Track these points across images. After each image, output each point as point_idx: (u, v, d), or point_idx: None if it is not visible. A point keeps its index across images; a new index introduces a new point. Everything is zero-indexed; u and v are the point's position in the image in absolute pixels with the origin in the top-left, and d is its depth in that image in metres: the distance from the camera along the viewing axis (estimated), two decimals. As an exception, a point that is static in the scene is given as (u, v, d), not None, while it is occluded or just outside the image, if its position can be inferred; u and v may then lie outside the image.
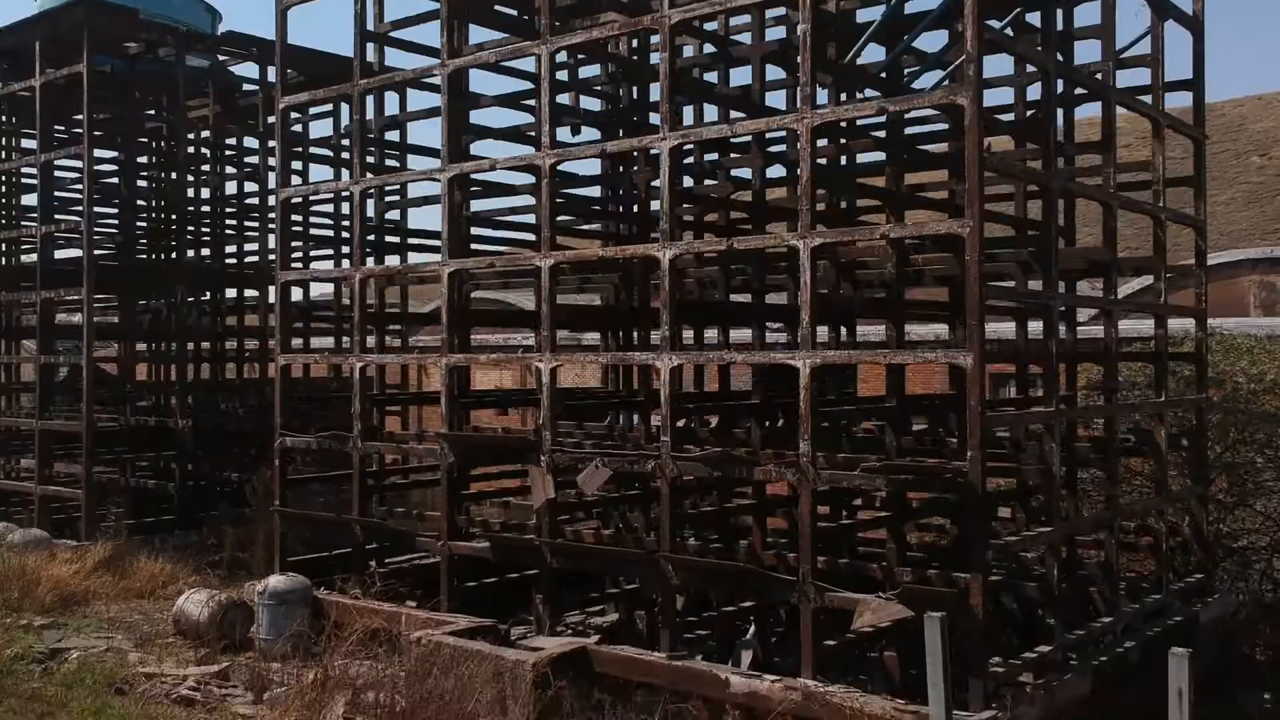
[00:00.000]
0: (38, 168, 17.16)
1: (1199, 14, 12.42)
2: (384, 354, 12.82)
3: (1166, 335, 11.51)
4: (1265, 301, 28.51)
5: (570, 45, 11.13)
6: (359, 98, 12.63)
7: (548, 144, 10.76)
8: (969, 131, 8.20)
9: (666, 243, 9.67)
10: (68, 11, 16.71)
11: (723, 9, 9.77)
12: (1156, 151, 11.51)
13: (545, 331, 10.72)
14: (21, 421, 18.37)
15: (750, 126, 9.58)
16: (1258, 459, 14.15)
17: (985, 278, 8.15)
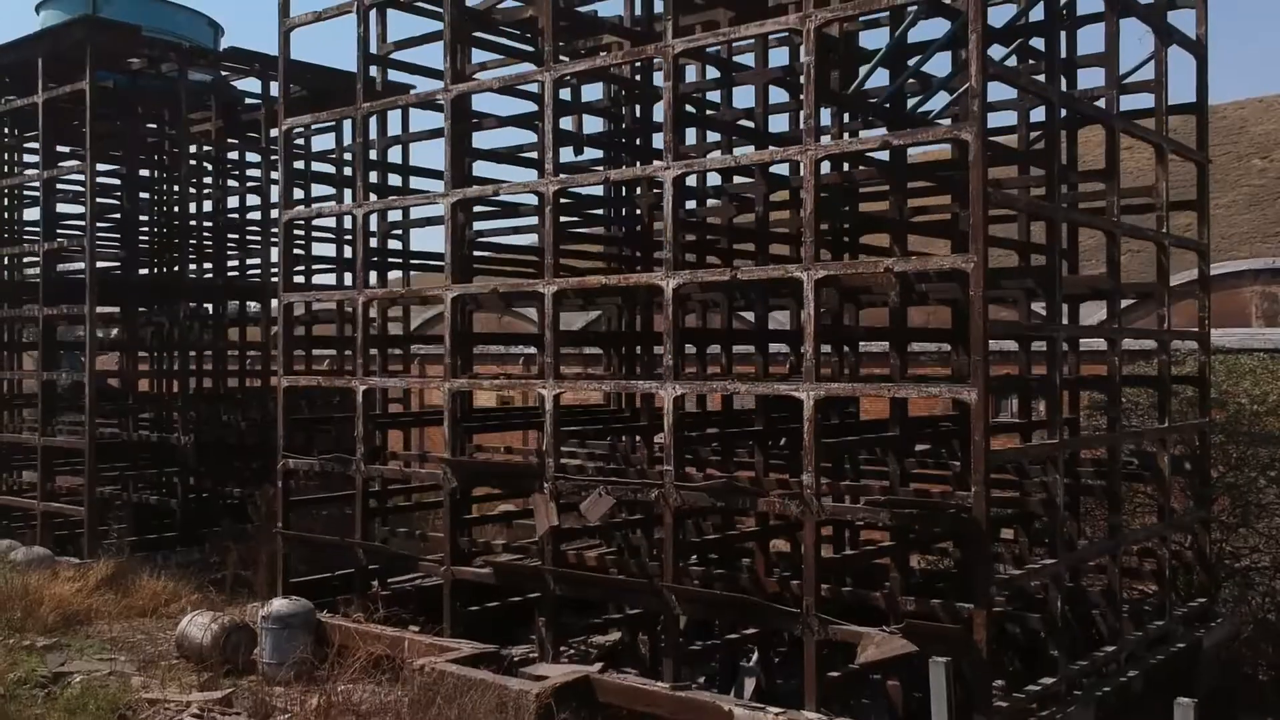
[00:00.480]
0: (40, 184, 17.16)
1: (1202, 38, 12.42)
2: (387, 378, 12.80)
3: (1170, 361, 11.50)
4: (1267, 312, 28.50)
5: (574, 73, 11.12)
6: (362, 120, 12.63)
7: (551, 170, 10.76)
8: (973, 166, 8.20)
9: (670, 271, 9.67)
10: (70, 29, 16.71)
11: (725, 40, 9.77)
12: (1160, 177, 11.51)
13: (549, 358, 10.72)
14: (24, 438, 18.36)
15: (754, 158, 9.57)
16: (1260, 479, 14.16)
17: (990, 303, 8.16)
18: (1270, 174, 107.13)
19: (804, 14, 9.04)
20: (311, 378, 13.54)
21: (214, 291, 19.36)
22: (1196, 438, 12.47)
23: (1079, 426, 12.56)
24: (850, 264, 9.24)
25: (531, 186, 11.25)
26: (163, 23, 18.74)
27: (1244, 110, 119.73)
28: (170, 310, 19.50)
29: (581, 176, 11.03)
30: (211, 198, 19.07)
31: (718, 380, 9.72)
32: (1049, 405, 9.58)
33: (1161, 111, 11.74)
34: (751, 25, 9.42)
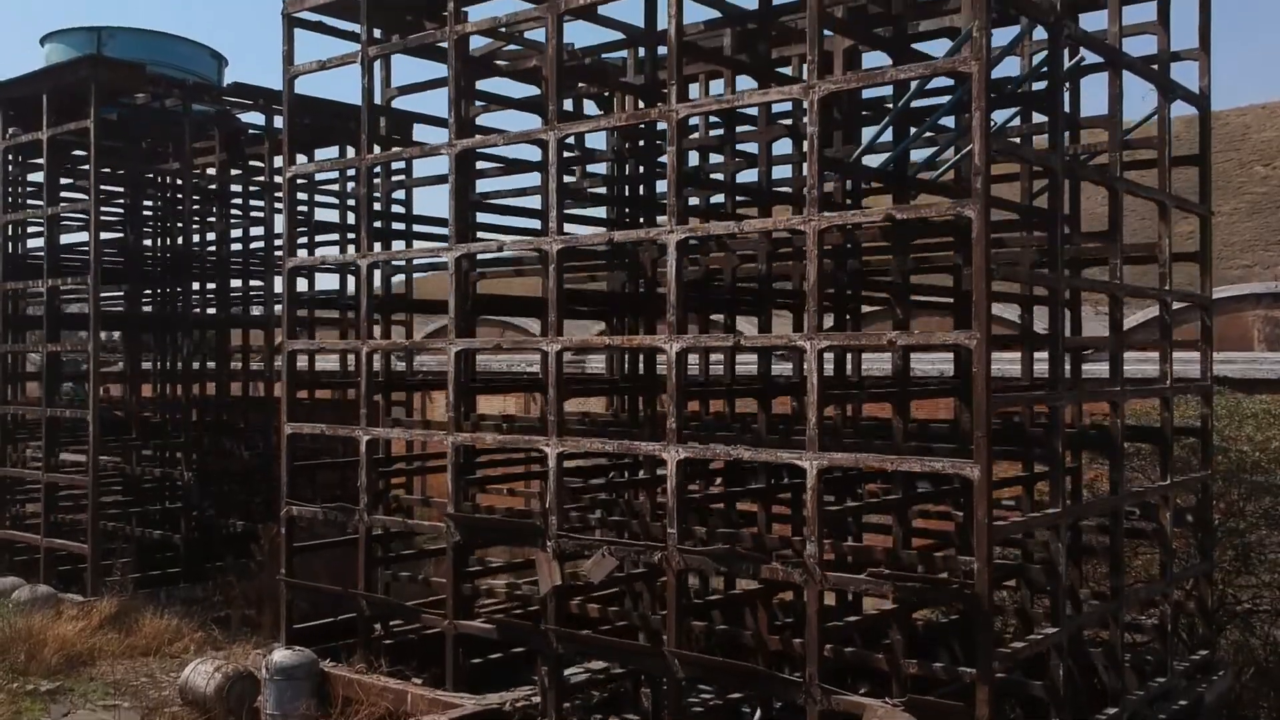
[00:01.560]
0: (45, 220, 17.19)
1: (1204, 90, 12.44)
2: (391, 429, 12.83)
3: (1172, 419, 11.53)
4: (1269, 336, 28.52)
5: (578, 131, 11.14)
6: (366, 171, 12.65)
7: (554, 229, 10.78)
8: (976, 243, 8.22)
9: (674, 335, 9.69)
10: (74, 67, 16.75)
11: (729, 105, 9.79)
12: (1162, 233, 11.53)
13: (552, 416, 10.74)
14: (28, 472, 18.40)
15: (757, 225, 9.59)
16: (1261, 526, 14.17)
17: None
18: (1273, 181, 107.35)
19: (808, 84, 9.07)
20: (315, 426, 13.52)
21: (219, 325, 19.39)
22: (1199, 490, 12.47)
23: (1081, 473, 12.59)
24: (853, 335, 9.26)
25: (535, 244, 11.28)
26: (167, 56, 18.80)
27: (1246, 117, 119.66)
28: (173, 341, 19.55)
29: (585, 236, 11.04)
30: (215, 229, 19.09)
31: (721, 445, 9.72)
32: (1051, 471, 9.60)
33: (1165, 167, 11.75)
34: (755, 93, 9.45)
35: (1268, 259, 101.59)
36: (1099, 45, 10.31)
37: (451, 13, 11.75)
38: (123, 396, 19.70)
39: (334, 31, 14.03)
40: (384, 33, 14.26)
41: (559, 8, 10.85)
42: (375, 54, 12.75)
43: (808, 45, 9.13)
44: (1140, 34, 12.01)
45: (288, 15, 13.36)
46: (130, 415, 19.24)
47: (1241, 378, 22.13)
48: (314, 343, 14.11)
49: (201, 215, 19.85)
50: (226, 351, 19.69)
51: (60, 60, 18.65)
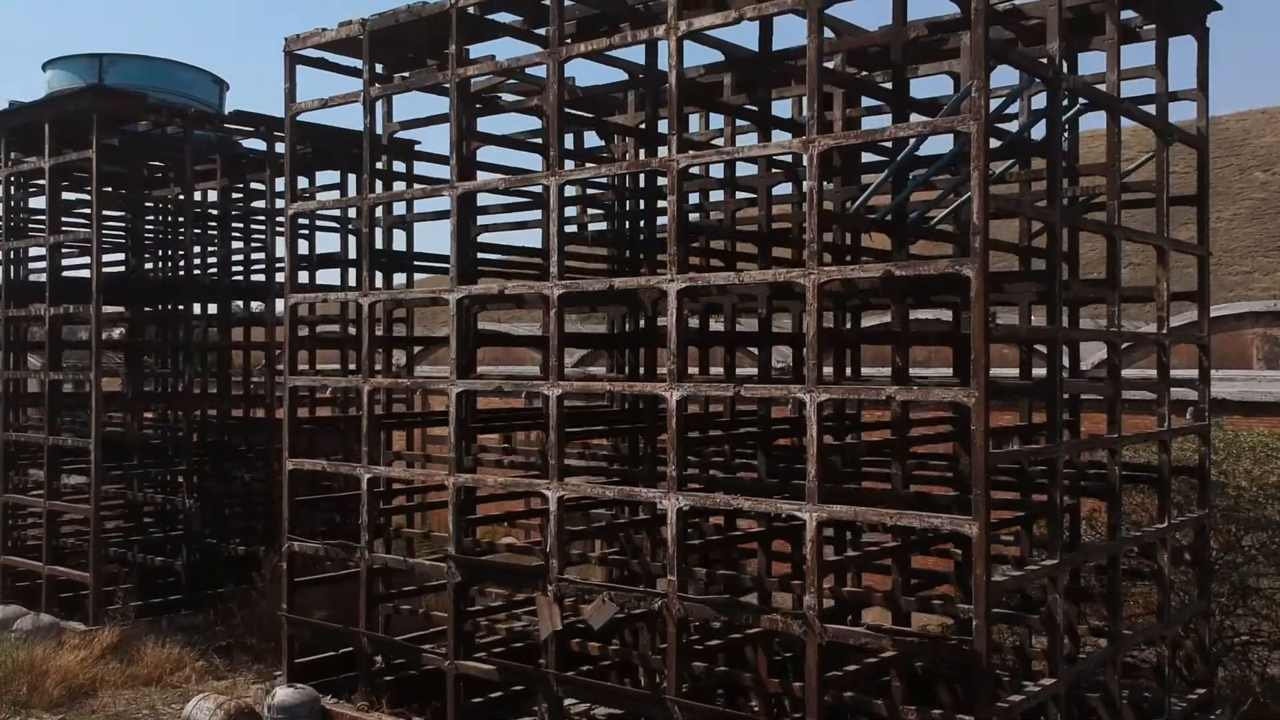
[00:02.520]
0: (47, 249, 17.24)
1: (1202, 131, 12.50)
2: (392, 467, 12.89)
3: (1170, 461, 11.58)
4: (1268, 355, 28.59)
5: (580, 178, 11.20)
6: (368, 211, 12.70)
7: (555, 274, 10.83)
8: (975, 300, 8.28)
9: (674, 384, 9.75)
10: (75, 98, 16.80)
11: (729, 158, 9.85)
12: (1161, 278, 11.58)
13: (553, 460, 10.81)
14: (29, 499, 18.45)
15: (757, 277, 9.65)
16: (1259, 559, 14.23)
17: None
18: (1272, 187, 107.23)
19: (807, 139, 9.12)
20: (316, 463, 13.58)
21: (220, 349, 19.44)
22: (1196, 529, 12.52)
23: (1079, 508, 12.65)
24: (853, 387, 9.32)
25: (537, 289, 11.33)
26: (169, 82, 18.85)
27: (1246, 122, 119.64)
28: (174, 365, 19.61)
29: (586, 281, 11.10)
30: (217, 255, 19.14)
31: (721, 495, 9.79)
32: (1050, 526, 9.66)
33: (1163, 209, 11.80)
34: (755, 147, 9.51)
35: (1267, 265, 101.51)
36: (1098, 95, 10.37)
37: (453, 55, 11.82)
38: (124, 421, 19.72)
39: (335, 68, 14.10)
40: (386, 68, 14.36)
41: (560, 54, 10.91)
42: (377, 94, 12.81)
43: (806, 100, 9.20)
44: (1138, 78, 12.08)
45: (290, 53, 13.41)
46: (132, 440, 19.27)
47: (1241, 400, 22.19)
48: (316, 379, 14.15)
49: (203, 240, 19.90)
50: (228, 375, 19.74)
51: (62, 87, 18.71)
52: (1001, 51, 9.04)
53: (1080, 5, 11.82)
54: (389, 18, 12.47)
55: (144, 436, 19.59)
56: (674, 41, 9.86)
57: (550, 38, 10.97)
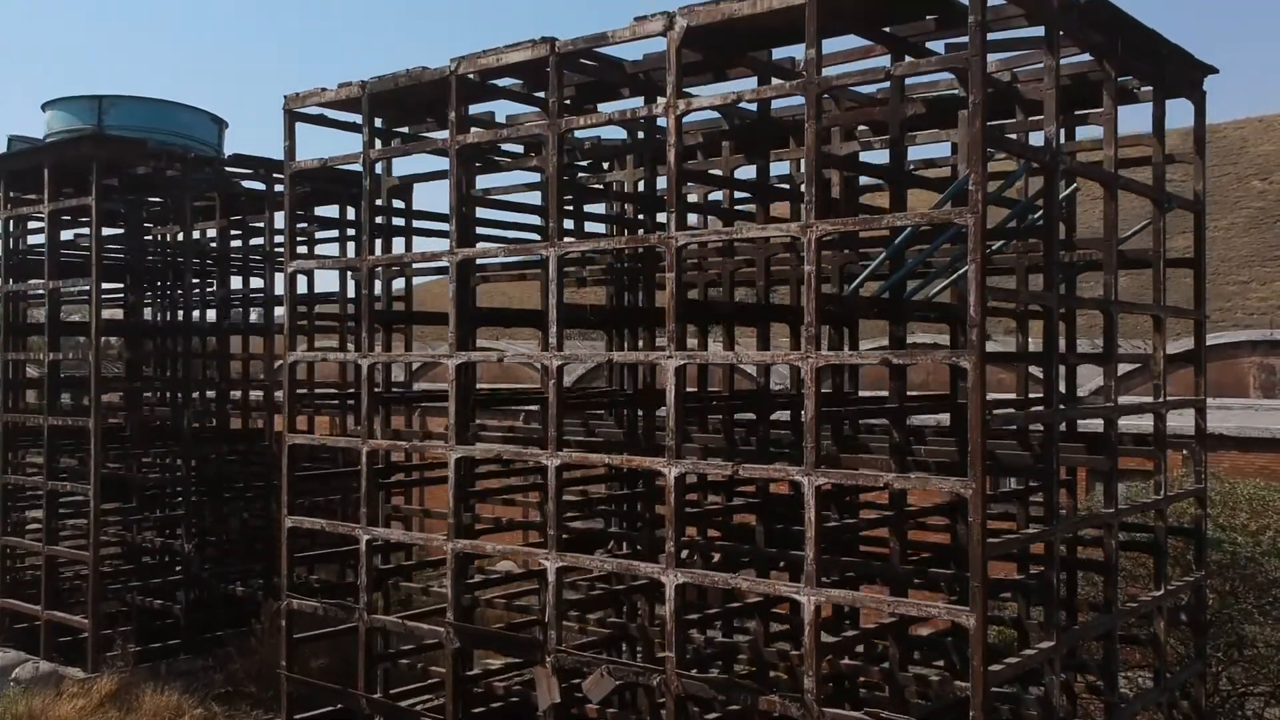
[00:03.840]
0: (46, 294, 17.26)
1: (1199, 194, 12.54)
2: (392, 530, 12.92)
3: (1166, 527, 11.62)
4: (1265, 384, 28.69)
5: (580, 250, 11.24)
6: (367, 274, 12.73)
7: (555, 345, 10.86)
8: (972, 392, 8.32)
9: (673, 460, 9.79)
10: (75, 144, 16.83)
11: (730, 238, 9.90)
12: (1157, 345, 11.63)
13: (551, 530, 10.84)
14: (29, 544, 18.47)
15: (755, 357, 9.68)
16: (1255, 614, 14.26)
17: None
18: (1270, 196, 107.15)
19: (805, 223, 9.16)
20: (315, 521, 13.61)
21: (219, 389, 19.48)
22: (1193, 592, 12.56)
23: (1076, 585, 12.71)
24: (851, 473, 9.36)
25: (536, 358, 11.36)
26: (169, 123, 18.87)
27: (1243, 130, 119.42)
28: (174, 404, 19.64)
29: (585, 353, 11.13)
30: (216, 296, 19.17)
31: (721, 575, 9.83)
32: (1046, 609, 9.70)
33: (1159, 276, 11.84)
34: (754, 228, 9.54)
35: (1264, 274, 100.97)
36: (1095, 174, 10.41)
37: (453, 122, 11.84)
38: (123, 462, 19.73)
39: (335, 124, 14.14)
40: (385, 122, 14.39)
41: (560, 126, 10.94)
42: (376, 156, 12.82)
43: (805, 181, 9.23)
44: (1135, 146, 12.13)
45: (289, 111, 13.43)
46: (131, 483, 19.29)
47: (1239, 435, 22.27)
48: (314, 437, 14.18)
49: (202, 276, 19.96)
50: (225, 413, 19.78)
51: (61, 128, 18.73)
52: (1000, 141, 9.07)
53: (1078, 74, 11.90)
54: (389, 81, 12.49)
55: (143, 479, 19.59)
56: (673, 120, 9.88)
57: (550, 109, 11.00)
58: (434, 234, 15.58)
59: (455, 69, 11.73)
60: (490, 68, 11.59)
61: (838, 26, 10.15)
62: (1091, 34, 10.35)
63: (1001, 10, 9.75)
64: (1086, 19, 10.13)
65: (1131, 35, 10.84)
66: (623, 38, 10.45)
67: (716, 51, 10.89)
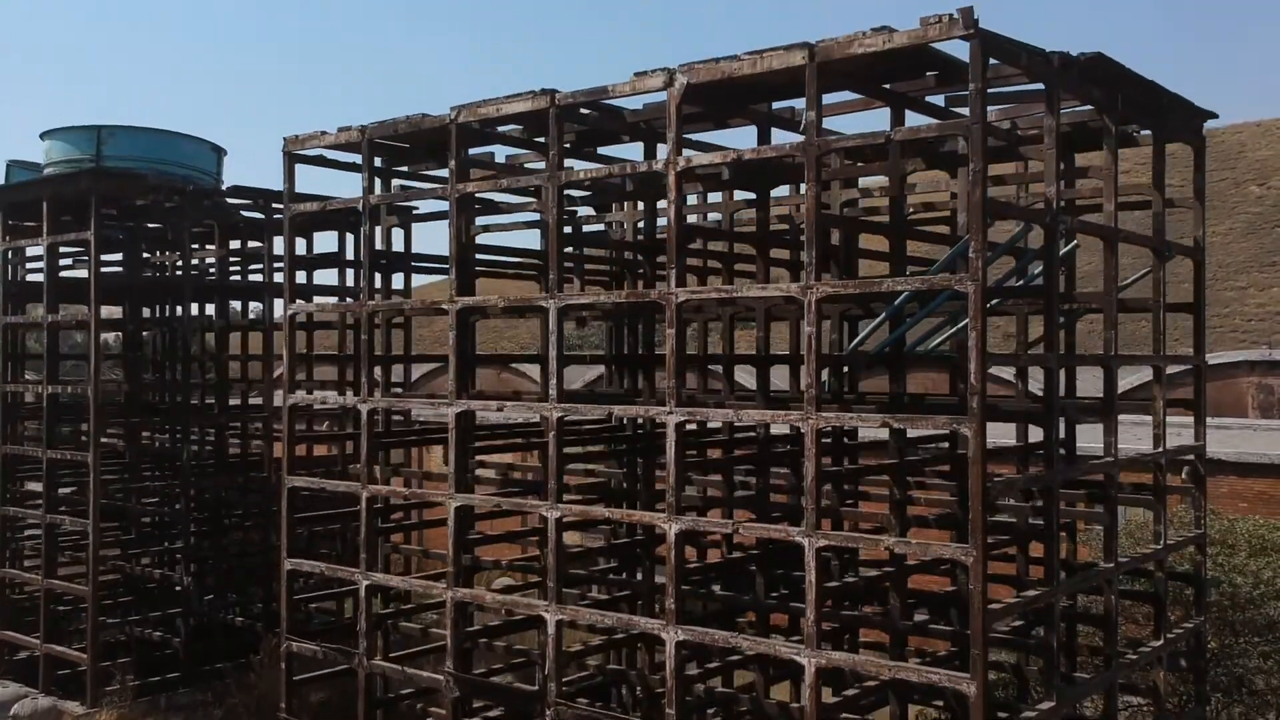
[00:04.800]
0: (44, 328, 17.25)
1: (1199, 240, 12.55)
2: (391, 576, 12.91)
3: (1166, 580, 11.63)
4: (1263, 404, 28.75)
5: (580, 303, 11.24)
6: (367, 318, 12.72)
7: (555, 396, 10.86)
8: (973, 464, 8.32)
9: (672, 516, 9.79)
10: (74, 179, 16.81)
11: (729, 295, 9.89)
12: (1157, 394, 11.64)
13: (550, 583, 10.84)
14: (29, 576, 18.44)
15: (755, 416, 9.68)
16: (1253, 655, 14.26)
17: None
18: (1268, 201, 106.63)
19: (805, 285, 9.16)
20: (315, 565, 13.61)
21: (217, 421, 19.46)
22: (1192, 638, 12.57)
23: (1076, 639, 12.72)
24: (850, 536, 9.36)
25: (536, 408, 11.36)
26: (168, 153, 18.80)
27: (1241, 135, 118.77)
28: (173, 436, 19.64)
29: (585, 406, 11.13)
30: (214, 327, 19.16)
31: (720, 634, 9.83)
32: (1046, 666, 9.70)
33: (1159, 323, 11.85)
34: (754, 287, 9.54)
35: (1262, 280, 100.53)
36: (1095, 230, 10.41)
37: (453, 170, 11.83)
38: (122, 493, 19.70)
39: (334, 164, 14.14)
40: (385, 160, 14.37)
41: (560, 179, 10.94)
42: (376, 201, 12.82)
43: (806, 246, 9.23)
44: (1134, 197, 12.13)
45: (289, 153, 13.44)
46: (131, 515, 19.29)
47: (1237, 461, 22.26)
48: (314, 480, 14.16)
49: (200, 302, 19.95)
50: (224, 444, 19.76)
51: (60, 157, 18.68)
52: (1001, 207, 9.07)
53: (1078, 122, 11.90)
54: (389, 127, 12.49)
55: (142, 510, 19.59)
56: (673, 176, 9.88)
57: (550, 161, 10.99)
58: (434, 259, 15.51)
59: (455, 117, 11.73)
60: (490, 117, 11.59)
61: (838, 84, 10.15)
62: (1092, 89, 10.35)
63: (1002, 69, 9.74)
64: (1087, 75, 10.13)
65: (1131, 89, 10.85)
66: (623, 92, 10.46)
67: (716, 105, 10.88)
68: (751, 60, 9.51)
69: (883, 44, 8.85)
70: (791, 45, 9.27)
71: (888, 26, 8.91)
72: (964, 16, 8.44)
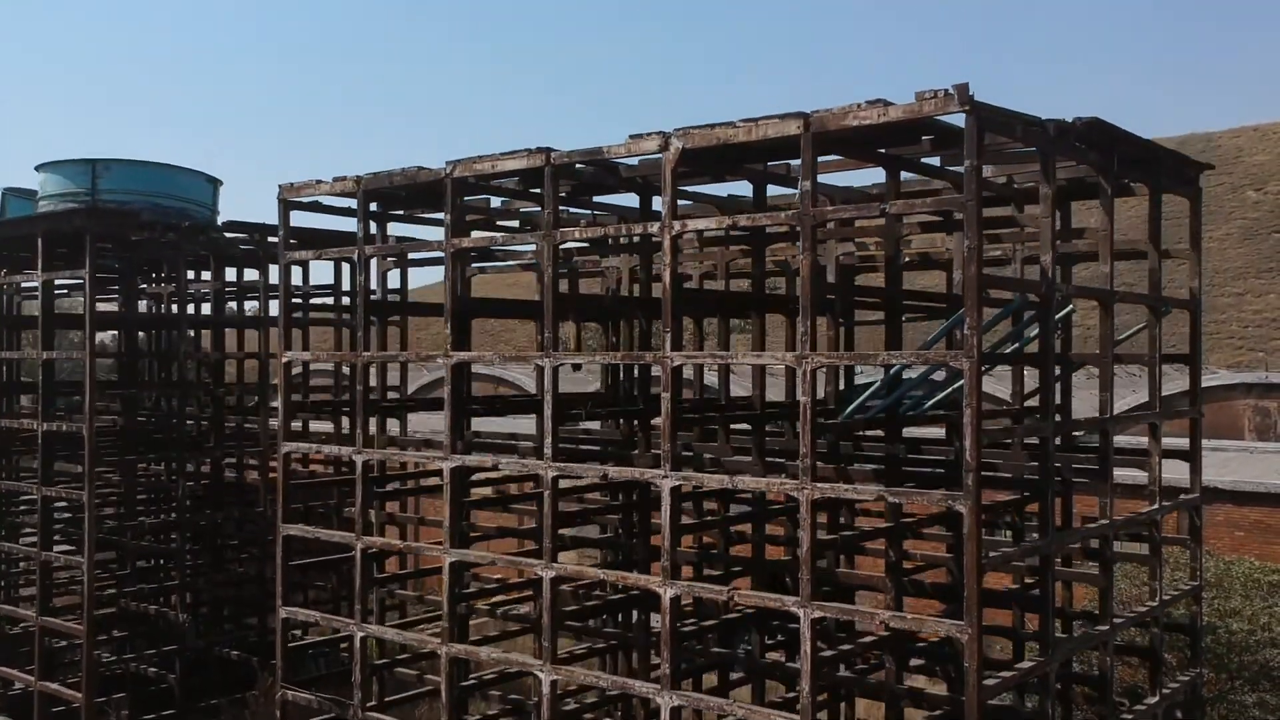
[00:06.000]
0: (39, 365, 17.20)
1: (1194, 292, 12.53)
2: (384, 628, 12.90)
3: (1163, 636, 11.63)
4: (1259, 426, 28.78)
5: (576, 361, 11.22)
6: (362, 369, 12.70)
7: (549, 455, 10.85)
8: (968, 540, 8.32)
9: (668, 580, 9.78)
10: (69, 217, 16.75)
11: (725, 360, 9.89)
12: (1152, 450, 11.63)
13: (545, 641, 10.83)
14: (22, 612, 18.43)
15: (750, 484, 9.68)
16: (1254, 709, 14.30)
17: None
18: (1264, 206, 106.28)
19: (800, 354, 9.14)
20: (309, 614, 13.60)
21: (213, 455, 19.45)
22: (1189, 690, 12.57)
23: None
24: (846, 609, 9.36)
25: (531, 468, 11.35)
26: (164, 185, 18.76)
27: (1239, 139, 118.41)
28: (169, 470, 19.63)
29: (580, 467, 11.11)
30: (210, 360, 19.13)
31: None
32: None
33: (1155, 375, 11.84)
34: (750, 355, 9.53)
35: (1259, 286, 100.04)
36: (1091, 293, 10.41)
37: (448, 225, 11.81)
38: (117, 530, 19.69)
39: (329, 209, 14.14)
40: (380, 205, 14.35)
41: (555, 238, 10.92)
42: (372, 253, 12.80)
43: (800, 317, 9.22)
44: (1131, 250, 12.13)
45: (284, 200, 13.41)
46: (126, 550, 19.27)
47: (1233, 490, 22.29)
48: (309, 530, 14.12)
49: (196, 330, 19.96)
50: (221, 475, 19.75)
51: (55, 191, 18.63)
52: (997, 281, 9.06)
53: (1074, 178, 11.90)
54: (383, 178, 12.47)
55: (138, 546, 19.58)
56: (668, 240, 9.86)
57: (544, 220, 10.98)
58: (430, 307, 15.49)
59: (451, 172, 11.70)
60: (486, 173, 11.57)
61: (833, 149, 10.14)
62: (1088, 153, 10.34)
63: (997, 136, 9.72)
64: (1082, 139, 10.12)
65: (1127, 148, 10.84)
66: (618, 154, 10.45)
67: (711, 166, 10.88)
68: (747, 128, 9.49)
69: (877, 117, 8.84)
70: (786, 115, 9.25)
71: (883, 100, 8.90)
72: (959, 93, 8.43)
